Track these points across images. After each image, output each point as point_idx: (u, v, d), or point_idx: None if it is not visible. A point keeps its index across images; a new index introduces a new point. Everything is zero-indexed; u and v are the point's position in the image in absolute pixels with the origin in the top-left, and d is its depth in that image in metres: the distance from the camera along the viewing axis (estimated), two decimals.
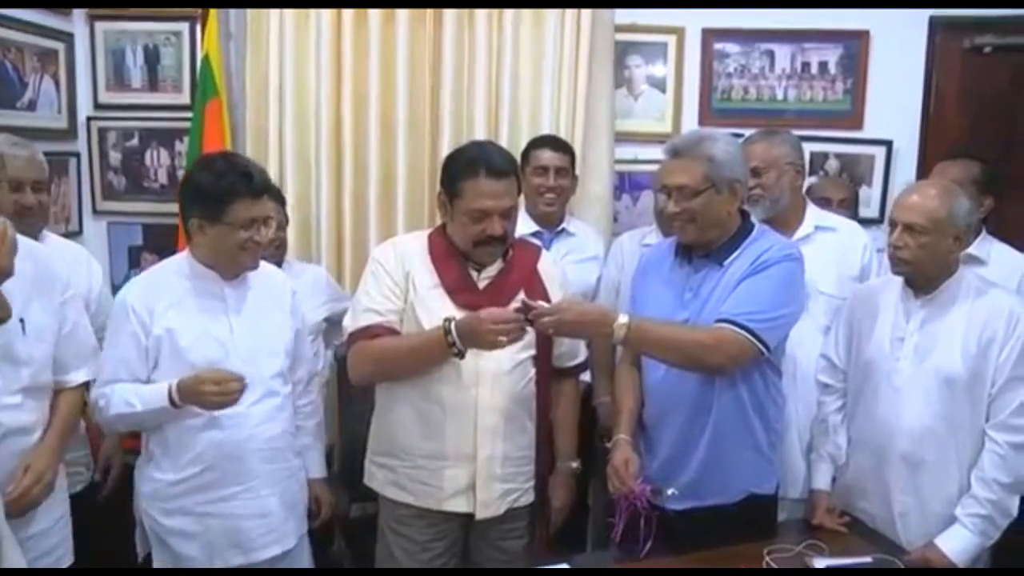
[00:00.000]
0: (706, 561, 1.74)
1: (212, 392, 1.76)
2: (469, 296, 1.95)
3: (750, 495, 1.93)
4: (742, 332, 1.79)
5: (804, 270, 1.93)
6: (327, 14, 3.01)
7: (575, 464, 2.12)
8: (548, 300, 1.98)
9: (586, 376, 2.44)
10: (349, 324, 2.00)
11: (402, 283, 1.97)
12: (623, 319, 1.80)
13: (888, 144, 3.11)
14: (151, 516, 1.92)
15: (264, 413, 1.92)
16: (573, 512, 2.18)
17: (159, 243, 3.18)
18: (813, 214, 2.39)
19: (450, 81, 3.06)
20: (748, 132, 3.05)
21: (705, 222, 1.90)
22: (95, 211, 3.28)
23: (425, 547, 1.99)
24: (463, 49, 3.05)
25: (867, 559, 1.82)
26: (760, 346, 1.81)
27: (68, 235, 2.93)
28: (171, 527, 1.90)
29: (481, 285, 1.99)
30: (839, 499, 2.09)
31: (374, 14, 3.01)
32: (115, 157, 3.27)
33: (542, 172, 2.74)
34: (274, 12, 3.02)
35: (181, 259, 1.98)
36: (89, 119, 3.24)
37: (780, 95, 3.14)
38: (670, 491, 1.87)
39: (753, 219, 2.00)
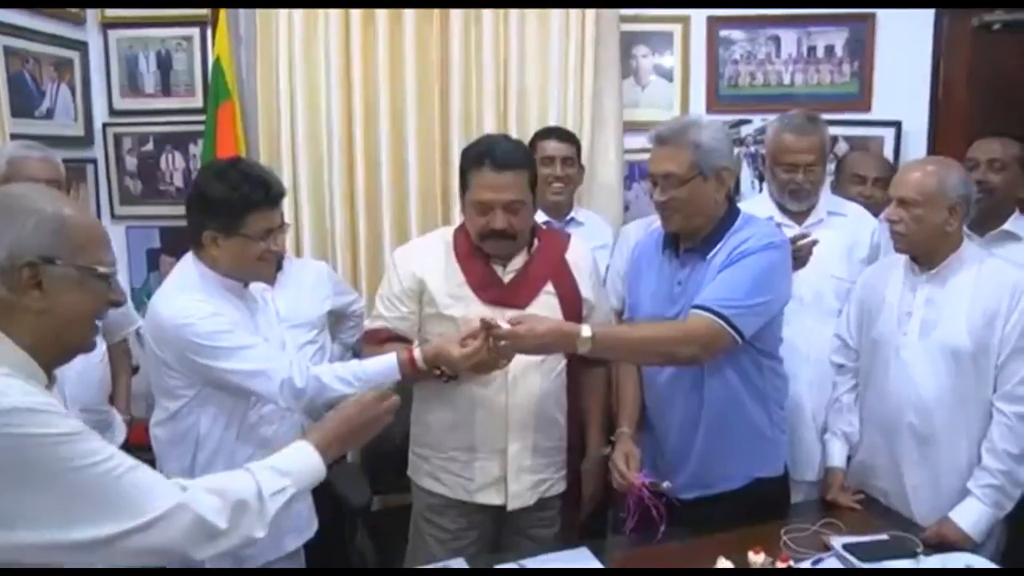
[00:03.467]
0: (722, 543, 1.75)
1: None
2: (495, 292, 1.96)
3: (755, 480, 1.94)
4: (714, 319, 1.76)
5: (787, 257, 1.91)
6: (335, 15, 3.04)
7: (606, 451, 2.13)
8: (577, 291, 2.01)
9: None
10: (368, 321, 2.08)
11: (414, 290, 1.98)
12: (586, 332, 1.75)
13: (897, 125, 3.11)
14: None
15: None
16: (606, 502, 2.20)
17: (176, 246, 3.22)
18: (826, 200, 2.41)
19: (458, 77, 3.08)
20: (756, 118, 3.11)
21: (691, 210, 1.87)
22: (113, 216, 3.33)
23: (456, 535, 2.01)
24: (470, 44, 3.08)
25: (883, 536, 1.84)
26: (733, 332, 1.77)
27: None
28: None
29: (507, 279, 1.98)
30: (854, 478, 2.11)
31: (381, 14, 3.04)
32: (131, 162, 3.31)
33: (548, 162, 2.78)
34: (283, 14, 3.05)
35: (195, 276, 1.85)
36: (105, 125, 3.29)
37: (787, 80, 3.15)
38: (664, 484, 1.86)
39: (739, 206, 1.98)
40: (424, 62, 3.08)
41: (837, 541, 1.81)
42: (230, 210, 1.78)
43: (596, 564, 1.78)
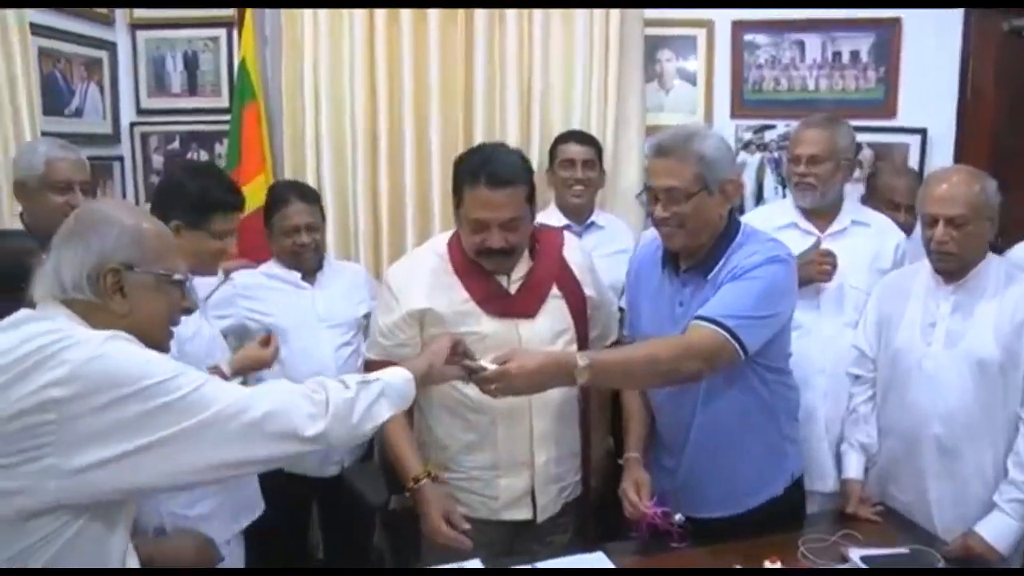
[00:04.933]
0: (738, 552, 1.75)
1: None
2: (501, 304, 1.89)
3: (770, 499, 1.89)
4: (718, 331, 1.66)
5: (792, 272, 1.81)
6: (360, 16, 3.06)
7: (609, 444, 2.13)
8: (580, 290, 1.97)
9: None
10: (366, 349, 2.01)
11: (413, 315, 1.89)
12: (582, 361, 1.61)
13: (923, 132, 3.07)
14: None
15: None
16: (613, 495, 2.19)
17: None
18: (850, 208, 2.38)
19: (482, 78, 3.09)
20: (780, 124, 3.09)
21: (696, 227, 1.76)
22: None
23: (479, 548, 1.90)
24: (494, 46, 3.09)
25: (903, 550, 1.81)
26: (736, 345, 1.66)
27: None
28: None
29: (513, 289, 1.91)
30: (872, 489, 2.09)
31: (406, 14, 3.05)
32: (157, 160, 3.36)
33: (569, 165, 2.79)
34: (308, 15, 3.07)
35: None
36: (132, 124, 3.34)
37: (812, 85, 3.13)
38: (677, 516, 1.81)
39: (740, 219, 1.89)
40: (448, 63, 3.09)
41: (855, 553, 1.79)
42: (202, 205, 1.91)
43: (611, 567, 1.78)
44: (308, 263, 2.60)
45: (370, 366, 1.97)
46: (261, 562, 2.68)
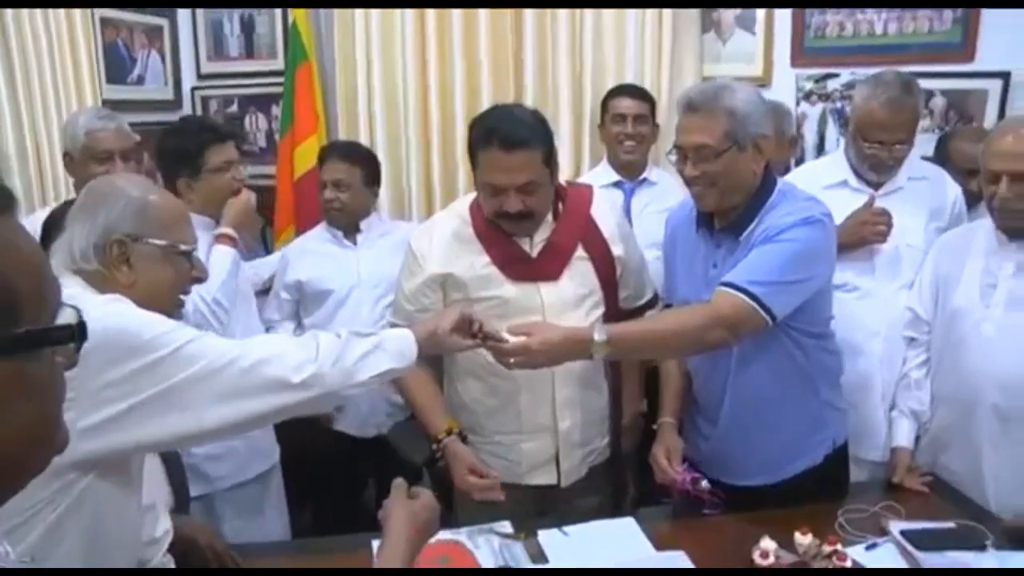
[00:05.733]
0: (771, 520, 1.70)
1: None
2: (523, 268, 1.85)
3: (810, 467, 1.84)
4: (743, 298, 1.60)
5: (829, 234, 1.72)
6: None
7: (641, 407, 2.10)
8: (608, 251, 1.91)
9: None
10: (391, 314, 2.00)
11: (435, 279, 1.87)
12: (600, 335, 1.58)
13: (1005, 76, 2.84)
14: None
15: None
16: (647, 459, 2.17)
17: (258, 203, 3.34)
18: (908, 165, 2.19)
19: (532, 31, 3.05)
20: (844, 72, 2.92)
21: (728, 185, 1.69)
22: None
23: (508, 511, 1.92)
24: None
25: (949, 524, 1.72)
26: (763, 312, 1.61)
27: None
28: None
29: (535, 252, 1.87)
30: (924, 459, 2.00)
31: None
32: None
33: (620, 120, 2.73)
34: None
35: None
36: (193, 89, 3.43)
37: (879, 29, 2.91)
38: (703, 483, 1.78)
39: (776, 177, 1.81)
40: (498, 22, 3.05)
41: (896, 526, 1.72)
42: (189, 152, 2.10)
43: (641, 535, 1.76)
44: (336, 221, 2.63)
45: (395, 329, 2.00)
46: (317, 522, 2.80)
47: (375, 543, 1.66)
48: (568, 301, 1.88)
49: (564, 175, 2.99)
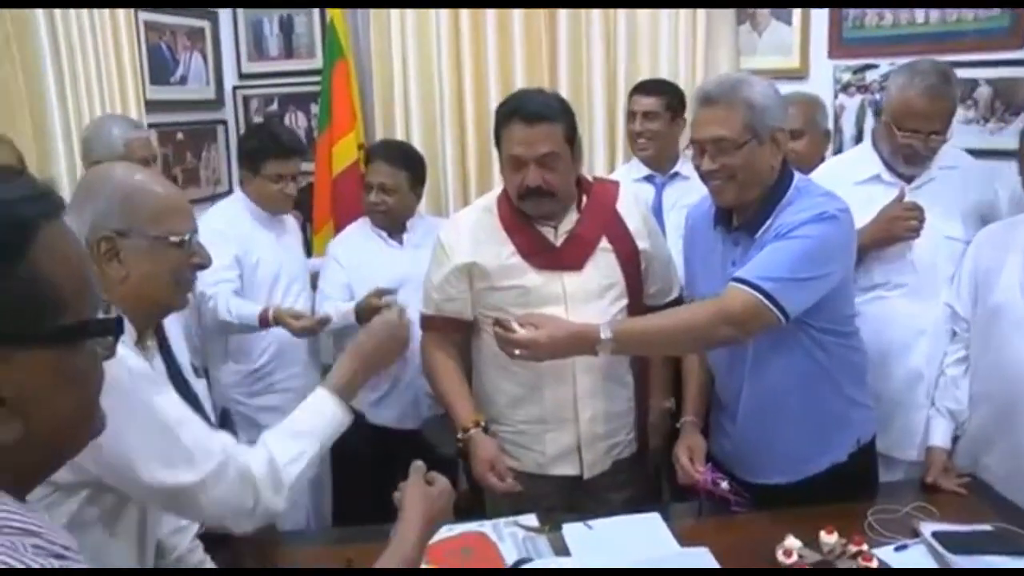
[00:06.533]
0: (798, 519, 1.67)
1: None
2: (547, 257, 1.89)
3: (834, 465, 1.81)
4: (753, 294, 1.58)
5: (846, 229, 1.69)
6: None
7: (668, 403, 2.09)
8: (632, 243, 1.92)
9: None
10: (421, 305, 2.04)
11: (462, 269, 1.92)
12: (605, 333, 1.60)
13: None
14: None
15: None
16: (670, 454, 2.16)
17: (297, 198, 3.40)
18: (938, 155, 2.15)
19: (566, 26, 3.06)
20: (883, 63, 2.84)
21: (747, 179, 1.67)
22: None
23: (534, 503, 1.94)
24: None
25: (984, 527, 1.67)
26: (774, 309, 1.58)
27: (217, 196, 3.22)
28: None
29: (559, 242, 1.90)
30: (963, 459, 1.95)
31: None
32: (258, 122, 3.51)
33: (631, 117, 2.75)
34: None
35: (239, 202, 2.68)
36: (234, 88, 3.50)
37: (921, 18, 2.81)
38: (724, 483, 1.77)
39: (794, 171, 1.77)
40: (532, 17, 3.06)
41: (928, 527, 1.68)
42: (255, 156, 2.56)
43: (665, 531, 1.76)
44: (380, 222, 2.67)
45: (424, 320, 2.04)
46: (351, 514, 2.85)
47: None
48: (591, 291, 1.90)
49: (598, 171, 3.02)
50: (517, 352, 1.62)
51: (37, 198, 0.71)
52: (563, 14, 3.03)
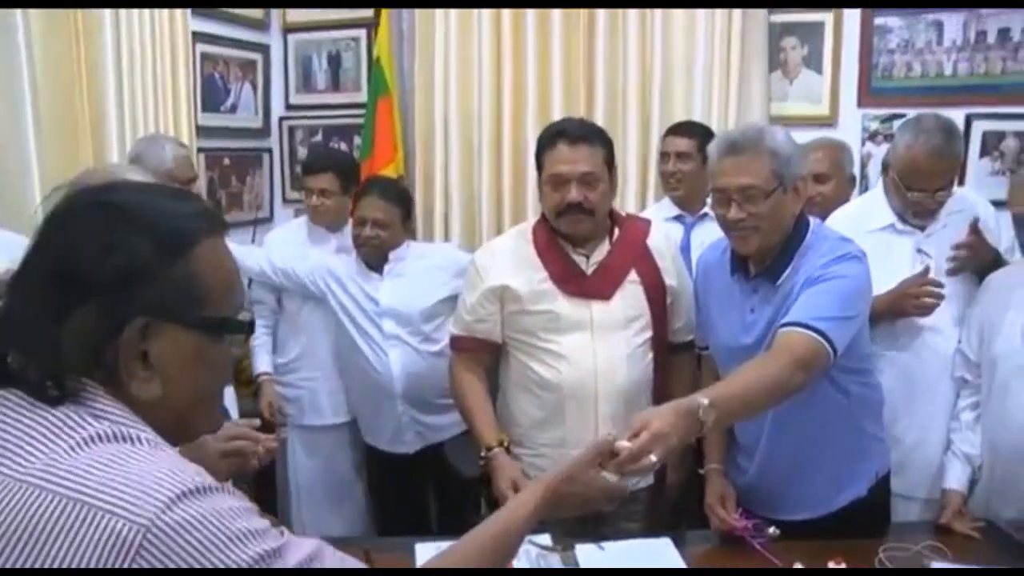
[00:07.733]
0: (812, 551, 1.69)
1: None
2: (577, 284, 1.95)
3: (854, 500, 1.83)
4: (811, 335, 1.55)
5: (867, 270, 1.71)
6: (487, 16, 3.20)
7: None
8: (660, 279, 1.98)
9: None
10: (452, 324, 2.12)
11: (495, 291, 1.98)
12: (704, 401, 1.39)
13: None
14: None
15: None
16: (690, 491, 2.16)
17: None
18: (950, 202, 2.14)
19: (602, 73, 3.16)
20: (911, 112, 2.88)
21: (771, 228, 1.68)
22: (284, 199, 3.70)
23: (547, 523, 2.02)
24: (616, 37, 3.13)
25: (994, 568, 1.69)
26: (828, 347, 1.55)
27: (259, 221, 3.36)
28: None
29: (590, 271, 1.96)
30: (978, 503, 1.95)
31: (531, 14, 3.16)
32: (302, 152, 3.64)
33: (665, 159, 2.81)
34: (439, 15, 3.24)
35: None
36: (281, 119, 3.66)
37: (948, 70, 2.88)
38: (771, 529, 1.75)
39: (809, 218, 1.79)
40: (570, 59, 3.17)
41: (938, 565, 1.69)
42: (302, 170, 2.99)
43: (676, 555, 1.78)
44: (368, 255, 2.67)
45: (454, 341, 2.11)
46: (384, 534, 2.90)
47: (418, 546, 1.76)
48: (617, 321, 1.95)
49: (629, 208, 3.08)
50: (654, 459, 1.32)
51: (203, 216, 0.86)
52: (600, 55, 3.14)
